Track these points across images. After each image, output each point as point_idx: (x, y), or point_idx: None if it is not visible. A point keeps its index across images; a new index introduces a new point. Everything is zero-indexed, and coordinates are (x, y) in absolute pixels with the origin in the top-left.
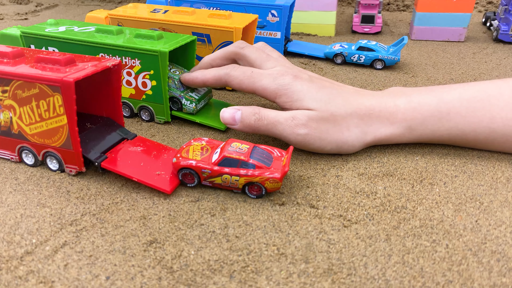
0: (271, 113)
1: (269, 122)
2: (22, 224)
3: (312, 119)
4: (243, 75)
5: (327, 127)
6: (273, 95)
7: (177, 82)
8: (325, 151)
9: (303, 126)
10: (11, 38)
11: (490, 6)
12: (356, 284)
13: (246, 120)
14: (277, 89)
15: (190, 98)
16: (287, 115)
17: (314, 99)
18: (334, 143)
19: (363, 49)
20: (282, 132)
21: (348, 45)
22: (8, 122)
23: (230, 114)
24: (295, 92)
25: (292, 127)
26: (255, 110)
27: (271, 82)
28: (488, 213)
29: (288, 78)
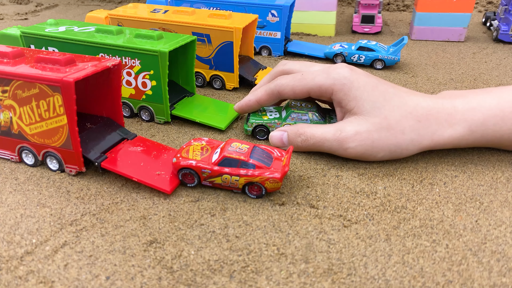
0: (317, 131)
1: (316, 141)
2: (22, 224)
3: (360, 131)
4: (294, 80)
5: (380, 135)
6: (329, 90)
7: (318, 114)
8: (377, 158)
9: (351, 140)
10: (11, 38)
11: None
12: (356, 284)
13: (293, 142)
14: (333, 84)
15: None
16: (333, 130)
17: (368, 100)
18: (387, 149)
19: (363, 49)
20: (331, 148)
21: (348, 45)
22: (8, 122)
23: (277, 137)
24: (352, 88)
25: (340, 142)
26: (300, 131)
27: (326, 77)
28: (488, 213)
29: (343, 70)
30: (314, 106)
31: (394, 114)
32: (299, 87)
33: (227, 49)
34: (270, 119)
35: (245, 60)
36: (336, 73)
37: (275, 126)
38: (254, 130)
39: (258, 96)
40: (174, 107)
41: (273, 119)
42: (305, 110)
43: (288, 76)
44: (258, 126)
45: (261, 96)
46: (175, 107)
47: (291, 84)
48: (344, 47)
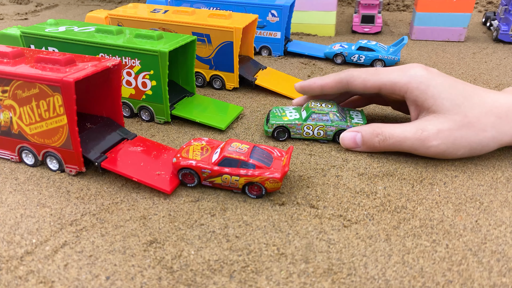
0: (395, 130)
1: (395, 141)
2: (22, 224)
3: (442, 129)
4: (367, 73)
5: (461, 133)
6: (404, 89)
7: (338, 114)
8: (457, 156)
9: (434, 138)
10: (11, 38)
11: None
12: (356, 284)
13: (368, 143)
14: (408, 82)
15: (358, 125)
16: (414, 129)
17: (447, 98)
18: (468, 146)
19: (363, 49)
20: (411, 147)
21: (348, 45)
22: (8, 122)
23: (350, 138)
24: (430, 86)
25: (422, 140)
26: (377, 131)
27: (402, 75)
28: (488, 213)
29: (420, 69)
30: (335, 106)
31: (474, 111)
32: (371, 81)
33: (227, 49)
34: (291, 120)
35: (245, 60)
36: (413, 71)
37: (295, 127)
38: (274, 131)
39: (324, 82)
40: (174, 107)
41: (293, 120)
42: (326, 110)
43: (361, 68)
44: (279, 127)
45: (328, 82)
46: (175, 107)
47: (363, 77)
48: (344, 47)
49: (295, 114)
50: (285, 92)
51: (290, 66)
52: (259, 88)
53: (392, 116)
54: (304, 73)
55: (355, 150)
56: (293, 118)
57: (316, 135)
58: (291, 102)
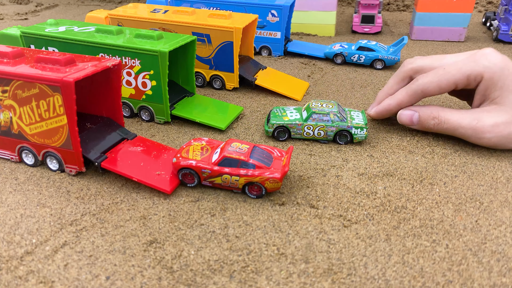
0: (452, 117)
1: (449, 126)
2: (22, 224)
3: (497, 123)
4: (438, 75)
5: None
6: (478, 78)
7: (339, 114)
8: (508, 147)
9: (488, 131)
10: (11, 38)
11: (490, 6)
12: (356, 284)
13: (424, 124)
14: (483, 71)
15: (359, 125)
16: (470, 118)
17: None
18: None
19: (363, 49)
20: (464, 135)
21: (348, 45)
22: (8, 122)
23: (408, 115)
24: (502, 77)
25: (475, 131)
26: (434, 114)
27: (475, 65)
28: (488, 213)
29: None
30: (335, 106)
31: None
32: (445, 82)
33: (227, 49)
34: (291, 120)
35: (245, 60)
36: (487, 60)
37: (296, 127)
38: (275, 131)
39: (399, 100)
40: (174, 107)
41: (294, 120)
42: (326, 111)
43: (429, 73)
44: (279, 127)
45: (403, 99)
46: (175, 107)
47: (435, 81)
48: (344, 47)
49: (295, 114)
50: (285, 92)
51: (290, 66)
52: (259, 88)
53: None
54: (304, 73)
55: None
56: (294, 118)
57: (316, 135)
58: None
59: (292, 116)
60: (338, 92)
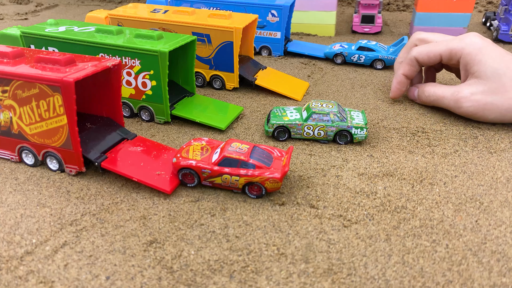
0: (438, 90)
1: (436, 98)
2: (22, 224)
3: (475, 92)
4: (428, 47)
5: (493, 98)
6: (459, 54)
7: (339, 114)
8: (488, 119)
9: (465, 100)
10: (11, 38)
11: (490, 6)
12: (356, 284)
13: (421, 97)
14: (463, 48)
15: (359, 125)
16: (452, 90)
17: (491, 67)
18: (498, 112)
19: (363, 49)
20: (448, 105)
21: (348, 45)
22: (8, 122)
23: (412, 91)
24: (479, 54)
25: (456, 100)
26: (426, 89)
27: (459, 42)
28: (488, 213)
29: (475, 37)
30: (335, 106)
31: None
32: (432, 53)
33: (227, 49)
34: (291, 120)
35: (245, 60)
36: (469, 39)
37: (296, 127)
38: (275, 131)
39: (403, 71)
40: (174, 107)
41: (294, 120)
42: (326, 111)
43: (423, 45)
44: (279, 127)
45: (404, 68)
46: (175, 107)
47: (425, 51)
48: (344, 47)
49: (295, 114)
50: (285, 92)
51: (290, 66)
52: (259, 88)
53: None
54: (304, 73)
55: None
56: (294, 118)
57: (316, 135)
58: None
59: (292, 116)
60: (338, 92)
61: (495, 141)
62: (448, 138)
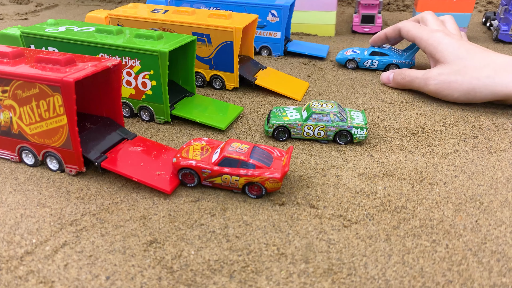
0: (412, 72)
1: (410, 79)
2: (22, 224)
3: (441, 73)
4: (413, 25)
5: (456, 78)
6: (423, 43)
7: (339, 114)
8: (454, 98)
9: (433, 79)
10: (11, 38)
11: (490, 6)
12: (356, 284)
13: (396, 79)
14: (429, 39)
15: (359, 126)
16: (423, 72)
17: (452, 52)
18: (462, 91)
19: (376, 54)
20: (419, 85)
21: (360, 50)
22: (8, 122)
23: (386, 75)
24: (440, 44)
25: (425, 79)
26: (402, 72)
27: (428, 33)
28: (488, 213)
29: (440, 33)
30: (335, 106)
31: (473, 63)
32: (412, 33)
33: (227, 49)
34: (291, 120)
35: (245, 60)
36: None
37: (296, 127)
38: (275, 131)
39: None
40: (174, 107)
41: (294, 120)
42: (326, 111)
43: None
44: (279, 127)
45: (388, 29)
46: (175, 107)
47: (408, 28)
48: (357, 53)
49: (295, 114)
50: (285, 92)
51: (290, 66)
52: (259, 88)
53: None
54: (304, 73)
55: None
56: (294, 118)
57: (316, 135)
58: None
59: (292, 116)
60: (338, 92)
61: (495, 141)
62: (448, 138)
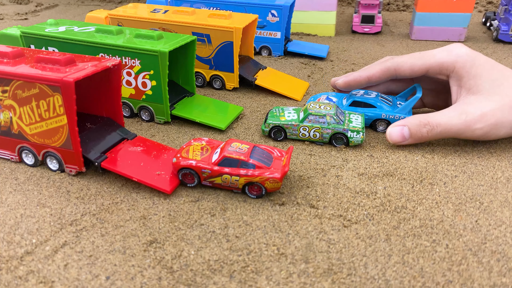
0: (442, 118)
1: (443, 129)
2: (22, 224)
3: (485, 111)
4: (413, 58)
5: (503, 113)
6: (451, 67)
7: (335, 116)
8: (499, 136)
9: (478, 121)
10: (11, 38)
11: (490, 6)
12: (356, 284)
13: (417, 134)
14: (455, 61)
15: (356, 129)
16: (458, 114)
17: (488, 79)
18: (509, 126)
19: (359, 105)
20: (458, 133)
21: (338, 97)
22: (8, 122)
23: (398, 132)
24: (474, 66)
25: (467, 125)
26: (423, 121)
27: (448, 54)
28: (488, 213)
29: (465, 48)
30: (333, 109)
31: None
32: (418, 65)
33: (227, 49)
34: (288, 120)
35: (245, 60)
36: (458, 50)
37: (291, 127)
38: (271, 131)
39: (371, 73)
40: (174, 107)
41: (290, 120)
42: (323, 112)
43: (405, 55)
44: (275, 127)
45: (375, 73)
46: (175, 107)
47: (410, 62)
48: (332, 100)
49: (293, 115)
50: (285, 92)
51: (290, 66)
52: (259, 88)
53: None
54: (304, 73)
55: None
56: (291, 118)
57: (312, 136)
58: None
59: (290, 117)
60: None
61: (495, 141)
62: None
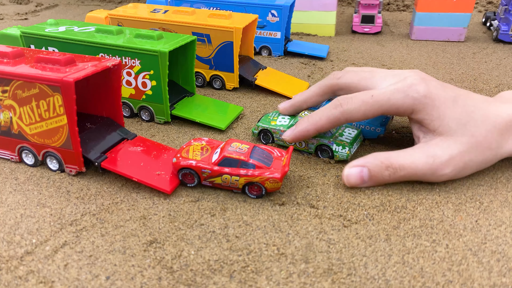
0: (405, 160)
1: (406, 173)
2: (22, 224)
3: (453, 155)
4: (365, 104)
5: (470, 155)
6: (409, 111)
7: None
8: (465, 175)
9: (445, 166)
10: (11, 38)
11: (490, 6)
12: (356, 284)
13: (378, 177)
14: (413, 104)
15: (342, 143)
16: (424, 157)
17: (453, 118)
18: (476, 167)
19: None
20: (423, 177)
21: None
22: (8, 122)
23: (356, 174)
24: (435, 107)
25: (434, 170)
26: (385, 163)
27: (404, 97)
28: (488, 213)
29: (421, 87)
30: None
31: (479, 130)
32: (372, 112)
33: (227, 49)
34: (277, 125)
35: (245, 60)
36: (415, 91)
37: (278, 133)
38: (260, 133)
39: (318, 125)
40: (174, 107)
41: (279, 125)
42: None
43: (354, 100)
44: (263, 130)
45: (323, 125)
46: (175, 107)
47: (362, 110)
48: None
49: (285, 121)
50: (285, 92)
51: (290, 66)
52: (259, 88)
53: None
54: (304, 73)
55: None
56: (280, 124)
57: (298, 145)
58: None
59: (281, 122)
60: None
61: None
62: None
